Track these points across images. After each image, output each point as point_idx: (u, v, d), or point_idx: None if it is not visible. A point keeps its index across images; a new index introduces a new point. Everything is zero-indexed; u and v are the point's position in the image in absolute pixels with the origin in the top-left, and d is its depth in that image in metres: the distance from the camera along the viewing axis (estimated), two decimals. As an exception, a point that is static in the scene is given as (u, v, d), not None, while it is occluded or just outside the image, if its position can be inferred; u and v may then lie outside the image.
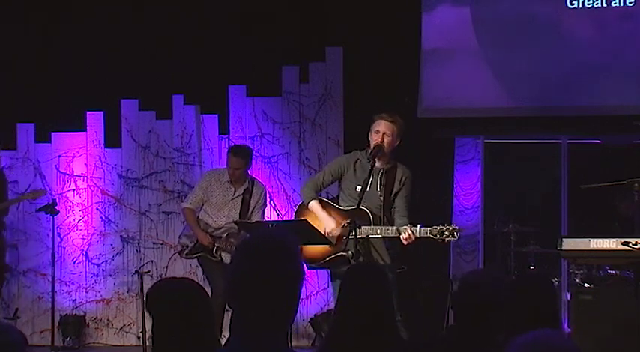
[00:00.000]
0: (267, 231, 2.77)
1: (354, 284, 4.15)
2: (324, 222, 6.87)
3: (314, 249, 6.93)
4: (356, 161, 6.90)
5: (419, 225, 6.57)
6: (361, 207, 6.68)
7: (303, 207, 7.11)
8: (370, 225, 6.69)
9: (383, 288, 4.13)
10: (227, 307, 7.55)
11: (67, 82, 9.65)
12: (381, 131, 6.76)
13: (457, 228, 6.55)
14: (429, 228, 6.53)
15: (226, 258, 8.01)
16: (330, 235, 6.85)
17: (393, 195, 6.80)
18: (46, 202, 9.14)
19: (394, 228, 6.63)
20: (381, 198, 6.76)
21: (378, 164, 6.79)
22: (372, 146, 6.78)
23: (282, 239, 2.66)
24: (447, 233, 6.54)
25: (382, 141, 6.74)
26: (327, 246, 6.86)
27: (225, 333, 7.87)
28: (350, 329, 4.00)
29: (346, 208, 6.86)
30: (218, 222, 8.20)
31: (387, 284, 4.20)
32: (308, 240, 6.90)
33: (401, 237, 6.57)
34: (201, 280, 8.17)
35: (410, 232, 6.51)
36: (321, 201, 7.02)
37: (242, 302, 2.59)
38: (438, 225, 6.56)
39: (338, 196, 7.05)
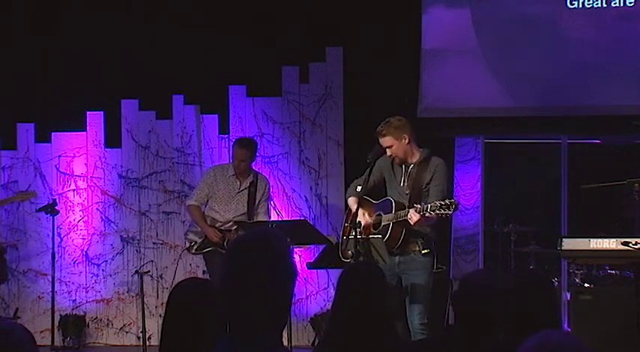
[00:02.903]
0: (255, 231, 2.74)
1: (350, 284, 4.14)
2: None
3: None
4: (393, 159, 6.93)
5: (422, 203, 6.57)
6: (387, 198, 6.77)
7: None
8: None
9: (379, 288, 4.13)
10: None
11: (67, 82, 9.65)
12: (384, 146, 6.85)
13: (454, 201, 6.51)
14: (428, 205, 6.50)
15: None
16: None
17: (425, 186, 6.81)
18: (46, 202, 9.15)
19: (405, 210, 6.64)
20: (407, 192, 6.78)
21: (408, 161, 6.88)
22: None
23: (268, 239, 2.64)
24: (444, 207, 6.47)
25: (392, 155, 6.84)
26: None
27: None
28: (346, 329, 3.99)
29: (375, 201, 6.91)
30: (226, 216, 8.20)
31: (385, 284, 4.20)
32: (308, 240, 6.90)
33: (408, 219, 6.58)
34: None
35: (413, 212, 6.52)
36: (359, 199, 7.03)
37: (232, 302, 2.59)
38: (437, 202, 6.55)
39: None
